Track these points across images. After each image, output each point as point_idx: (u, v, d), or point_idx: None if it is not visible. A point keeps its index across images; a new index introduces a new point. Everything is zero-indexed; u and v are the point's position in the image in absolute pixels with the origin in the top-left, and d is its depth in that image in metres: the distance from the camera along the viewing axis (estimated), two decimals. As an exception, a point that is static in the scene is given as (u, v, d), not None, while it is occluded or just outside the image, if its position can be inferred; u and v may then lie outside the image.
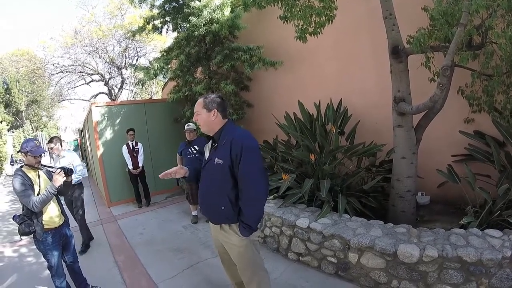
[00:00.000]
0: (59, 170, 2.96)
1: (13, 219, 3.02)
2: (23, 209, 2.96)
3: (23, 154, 2.97)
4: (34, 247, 5.00)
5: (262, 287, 2.47)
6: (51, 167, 3.24)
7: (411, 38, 3.64)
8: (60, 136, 43.61)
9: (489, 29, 3.00)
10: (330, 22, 3.99)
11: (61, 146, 4.69)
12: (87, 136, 10.94)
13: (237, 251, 2.37)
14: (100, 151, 7.34)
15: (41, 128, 34.12)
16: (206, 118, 2.30)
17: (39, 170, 3.08)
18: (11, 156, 22.06)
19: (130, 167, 6.93)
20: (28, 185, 2.88)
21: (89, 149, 11.07)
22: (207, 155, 2.49)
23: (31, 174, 3.00)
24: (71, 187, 3.25)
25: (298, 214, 3.96)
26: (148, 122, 7.90)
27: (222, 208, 2.26)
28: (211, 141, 2.46)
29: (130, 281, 3.85)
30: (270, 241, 4.27)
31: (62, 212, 3.26)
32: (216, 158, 2.26)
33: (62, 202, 3.40)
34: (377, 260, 3.08)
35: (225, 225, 2.35)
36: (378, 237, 3.15)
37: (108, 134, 7.44)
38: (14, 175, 2.92)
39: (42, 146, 3.10)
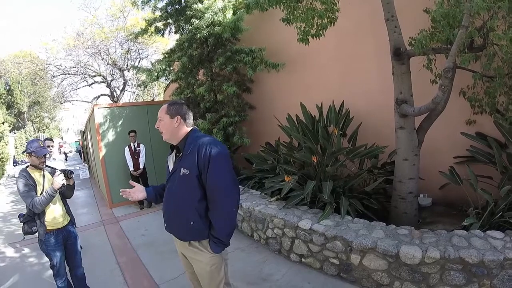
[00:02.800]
0: (58, 172, 2.97)
1: (18, 217, 3.06)
2: (27, 209, 2.97)
3: (27, 154, 2.98)
4: (36, 247, 5.07)
5: None
6: (55, 168, 3.26)
7: (413, 40, 3.65)
8: (62, 137, 43.75)
9: (491, 30, 3.02)
10: (332, 24, 4.01)
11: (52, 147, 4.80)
12: (89, 137, 10.96)
13: (206, 269, 2.13)
14: (102, 152, 7.37)
15: (43, 130, 34.20)
16: (168, 125, 2.17)
17: (44, 170, 3.09)
18: (14, 157, 22.12)
19: (131, 168, 6.95)
20: (31, 185, 2.90)
21: (91, 150, 11.10)
22: (171, 166, 2.30)
23: (35, 174, 3.01)
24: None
25: (301, 216, 3.96)
26: (151, 124, 7.89)
27: (191, 223, 2.05)
28: (174, 151, 2.32)
29: (132, 282, 3.86)
30: (272, 242, 4.27)
31: (67, 212, 3.26)
32: (182, 169, 2.07)
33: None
34: (379, 262, 3.09)
35: (195, 241, 2.12)
36: (380, 239, 3.15)
37: (110, 135, 7.47)
38: (18, 175, 2.94)
39: (46, 147, 3.12)
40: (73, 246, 3.26)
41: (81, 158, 24.07)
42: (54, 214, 3.04)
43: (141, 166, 7.01)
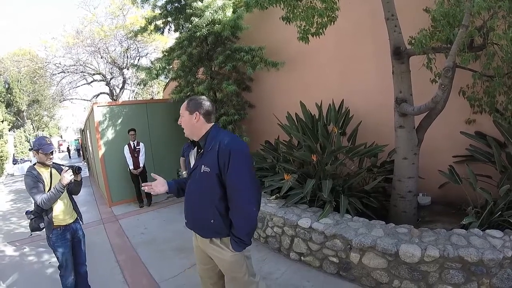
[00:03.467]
0: (67, 168, 2.99)
1: (26, 214, 3.08)
2: (35, 205, 3.00)
3: (34, 151, 3.00)
4: (36, 246, 5.09)
5: None
6: (62, 165, 3.27)
7: (413, 39, 3.65)
8: (61, 136, 43.72)
9: (491, 30, 3.02)
10: (332, 23, 4.00)
11: None
12: (88, 136, 10.95)
13: (228, 267, 2.16)
14: (102, 151, 7.36)
15: (42, 128, 34.18)
16: (188, 121, 2.15)
17: (51, 167, 3.12)
18: (13, 155, 22.11)
19: (131, 167, 6.95)
20: (38, 182, 2.93)
21: (90, 149, 11.09)
22: (192, 162, 2.30)
23: (43, 171, 3.04)
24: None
25: (300, 214, 3.97)
26: (150, 122, 7.92)
27: (212, 221, 2.07)
28: (196, 147, 2.29)
29: (131, 280, 3.86)
30: (271, 241, 4.27)
31: (75, 208, 3.29)
32: (203, 166, 2.07)
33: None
34: (379, 260, 3.09)
35: (216, 239, 2.14)
36: (379, 237, 3.16)
37: (110, 134, 7.46)
38: (26, 172, 2.98)
39: (53, 144, 3.14)
40: (79, 243, 3.29)
41: (79, 156, 24.07)
42: (62, 211, 3.07)
43: (141, 165, 7.01)
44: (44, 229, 3.02)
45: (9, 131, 22.50)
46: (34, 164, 3.08)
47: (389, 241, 3.06)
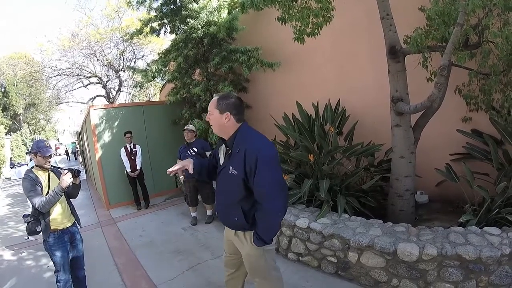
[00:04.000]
0: (66, 171, 2.97)
1: (23, 218, 3.04)
2: (32, 209, 2.97)
3: (33, 154, 2.99)
4: (34, 250, 5.06)
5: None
6: (60, 168, 3.25)
7: (408, 38, 3.66)
8: (58, 139, 43.57)
9: (486, 28, 3.04)
10: (328, 23, 4.00)
11: None
12: (85, 139, 10.92)
13: (249, 259, 2.30)
14: (99, 153, 7.32)
15: (39, 132, 34.04)
16: (218, 120, 2.13)
17: (49, 171, 3.10)
18: (10, 159, 22.02)
19: (128, 169, 6.91)
20: (36, 185, 2.90)
21: (87, 152, 11.05)
22: (221, 160, 2.32)
23: (41, 174, 3.02)
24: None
25: (298, 214, 3.96)
26: (147, 124, 7.88)
27: (236, 219, 2.18)
28: (224, 144, 2.29)
29: (130, 283, 3.85)
30: (270, 241, 4.26)
31: (72, 212, 3.26)
32: (231, 167, 2.11)
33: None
34: (377, 259, 3.09)
35: (240, 232, 2.26)
36: (377, 236, 3.16)
37: (106, 136, 7.42)
38: (24, 175, 2.95)
39: (51, 147, 3.12)
40: (77, 247, 3.26)
41: (75, 159, 23.97)
42: (59, 214, 3.04)
43: (138, 167, 6.97)
44: (41, 233, 2.98)
45: (6, 135, 22.43)
46: (32, 168, 3.05)
47: (387, 240, 3.06)
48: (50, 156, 3.02)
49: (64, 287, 3.05)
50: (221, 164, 2.31)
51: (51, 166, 3.14)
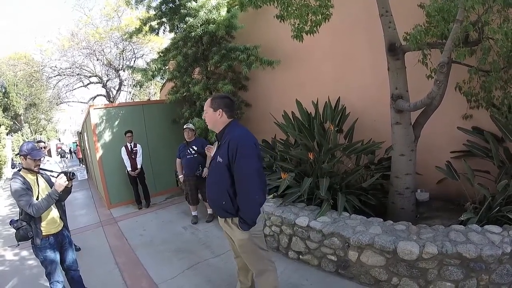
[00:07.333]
0: (58, 174, 2.89)
1: (10, 224, 2.89)
2: (20, 214, 2.86)
3: (22, 157, 2.88)
4: (34, 250, 5.05)
5: (268, 276, 2.61)
6: (51, 171, 3.20)
7: (408, 35, 3.64)
8: (59, 139, 43.62)
9: (486, 24, 3.00)
10: (327, 20, 3.97)
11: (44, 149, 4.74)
12: (86, 138, 10.93)
13: (239, 244, 2.50)
14: (99, 153, 7.33)
15: (40, 132, 34.06)
16: (212, 117, 2.48)
17: (37, 174, 3.01)
18: (12, 159, 22.03)
19: (129, 168, 6.92)
20: (27, 189, 2.80)
21: (88, 151, 11.06)
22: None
23: (30, 178, 2.92)
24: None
25: (298, 213, 3.96)
26: (147, 123, 7.90)
27: (223, 203, 2.40)
28: (216, 137, 2.60)
29: (131, 282, 3.85)
30: (270, 240, 4.26)
31: (61, 216, 3.17)
32: (218, 157, 2.40)
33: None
34: (377, 258, 3.08)
35: (229, 218, 2.49)
36: (377, 235, 3.15)
37: (107, 136, 7.43)
38: (12, 178, 2.84)
39: (42, 149, 3.05)
40: (67, 251, 3.18)
41: (72, 158, 23.95)
42: (51, 219, 2.97)
43: (139, 166, 6.98)
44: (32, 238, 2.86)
45: (7, 135, 22.42)
46: (19, 170, 2.93)
47: (387, 238, 3.05)
48: (40, 159, 2.94)
49: None
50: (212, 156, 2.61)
51: (40, 168, 3.04)
